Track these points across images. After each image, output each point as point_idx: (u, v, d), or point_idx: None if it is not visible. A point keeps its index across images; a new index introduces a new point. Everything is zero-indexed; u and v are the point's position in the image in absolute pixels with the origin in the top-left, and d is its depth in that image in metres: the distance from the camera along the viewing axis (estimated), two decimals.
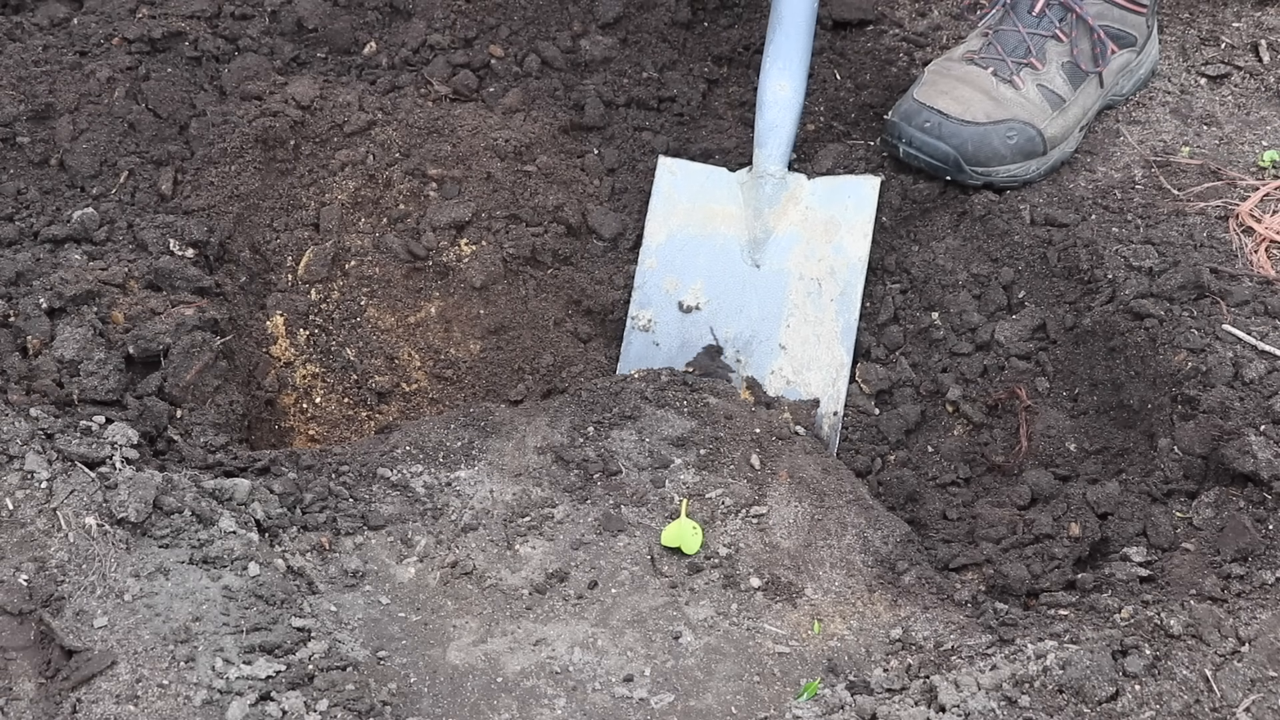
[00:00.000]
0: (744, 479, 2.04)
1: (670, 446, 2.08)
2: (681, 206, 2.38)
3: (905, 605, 1.92)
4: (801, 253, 2.35)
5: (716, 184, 2.39)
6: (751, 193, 2.36)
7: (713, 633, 1.88)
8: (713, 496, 2.02)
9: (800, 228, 2.35)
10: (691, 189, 2.39)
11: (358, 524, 1.97)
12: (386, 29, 2.58)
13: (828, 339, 2.32)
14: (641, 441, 2.08)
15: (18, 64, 2.39)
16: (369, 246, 2.37)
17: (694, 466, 2.06)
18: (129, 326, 2.07)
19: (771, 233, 2.36)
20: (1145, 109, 2.58)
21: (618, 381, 2.16)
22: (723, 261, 2.37)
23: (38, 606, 1.69)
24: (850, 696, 1.75)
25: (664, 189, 2.40)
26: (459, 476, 2.04)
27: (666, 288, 2.37)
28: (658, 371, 2.19)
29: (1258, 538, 1.88)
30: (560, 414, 2.11)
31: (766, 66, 2.36)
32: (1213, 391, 2.03)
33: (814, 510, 2.02)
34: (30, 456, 1.81)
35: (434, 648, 1.84)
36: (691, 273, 2.37)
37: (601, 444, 2.08)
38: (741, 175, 2.38)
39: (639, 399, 2.13)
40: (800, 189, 2.36)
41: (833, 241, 2.33)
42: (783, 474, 2.05)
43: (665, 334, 2.35)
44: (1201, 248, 2.24)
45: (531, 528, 1.99)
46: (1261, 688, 1.70)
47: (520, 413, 2.14)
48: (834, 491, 2.05)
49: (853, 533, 2.01)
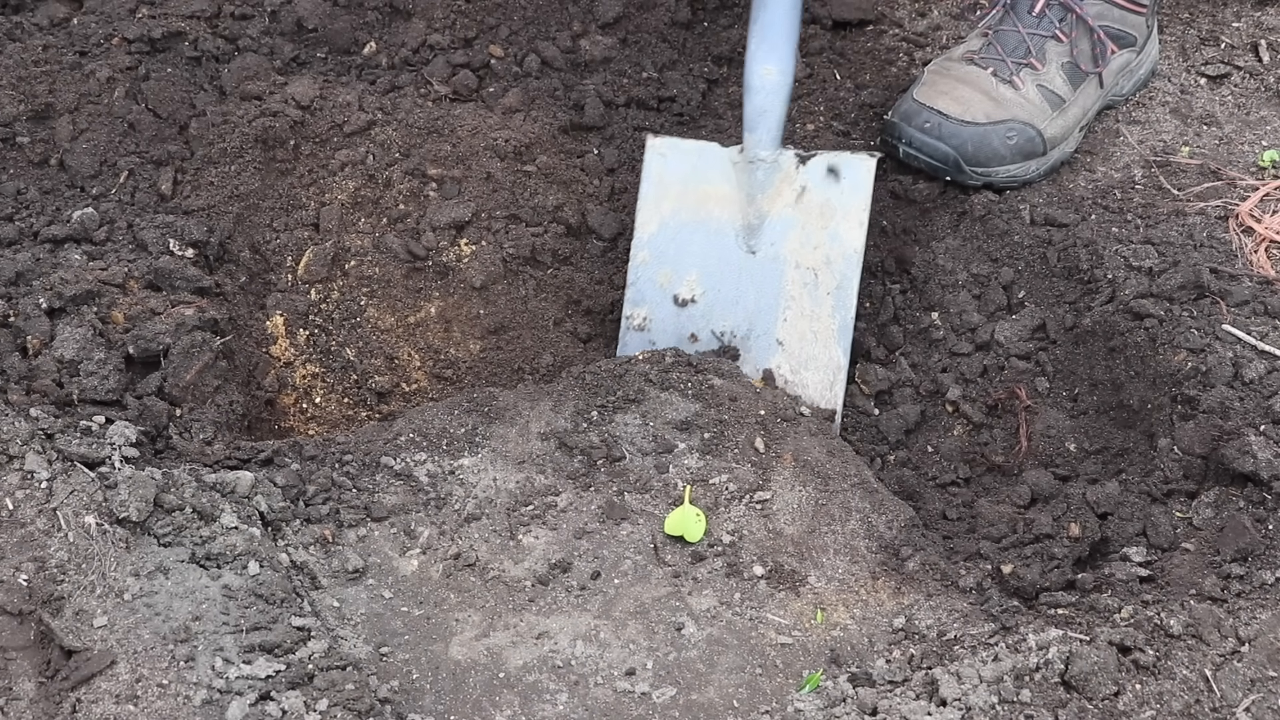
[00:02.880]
0: (748, 463, 2.04)
1: (674, 430, 2.08)
2: (674, 190, 2.33)
3: (909, 592, 1.92)
4: (797, 238, 2.31)
5: (709, 162, 2.33)
6: (744, 177, 2.31)
7: (715, 623, 1.88)
8: (716, 482, 2.03)
9: (795, 211, 2.31)
10: (683, 170, 2.33)
11: (361, 515, 1.97)
12: (386, 29, 2.58)
13: (824, 337, 2.30)
14: (645, 426, 2.08)
15: (18, 64, 2.39)
16: (369, 246, 2.37)
17: (698, 451, 2.06)
18: (129, 326, 2.07)
19: (766, 217, 2.31)
20: (1145, 109, 2.58)
21: (622, 364, 2.15)
22: (717, 248, 2.33)
23: (37, 606, 1.69)
24: (852, 689, 1.75)
25: (654, 173, 2.34)
26: (462, 464, 2.04)
27: (661, 281, 2.33)
28: (662, 353, 2.18)
29: (1258, 538, 1.88)
30: (564, 398, 2.11)
31: (752, 49, 2.30)
32: (1213, 391, 2.03)
33: (818, 495, 2.02)
34: (30, 456, 1.81)
35: (436, 642, 1.85)
36: (686, 262, 2.33)
37: (605, 428, 2.07)
38: (734, 153, 2.33)
39: (643, 381, 2.12)
40: (793, 168, 2.31)
41: (828, 228, 2.29)
42: (787, 457, 2.05)
43: (661, 331, 2.32)
44: (1201, 248, 2.24)
45: (535, 516, 1.99)
46: (1261, 688, 1.70)
47: (524, 396, 2.13)
48: (838, 475, 2.05)
49: (857, 518, 2.01)
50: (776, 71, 2.29)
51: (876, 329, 2.38)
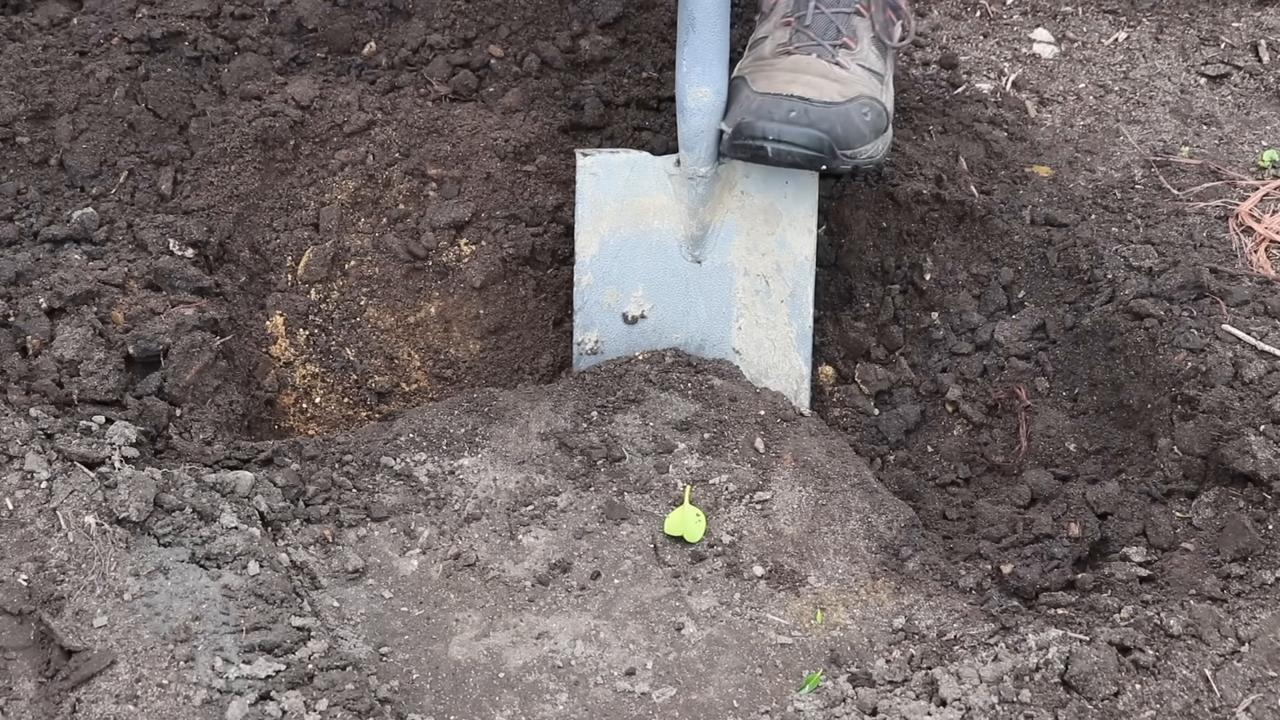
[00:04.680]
0: (748, 463, 2.05)
1: (674, 431, 2.08)
2: (610, 208, 2.28)
3: (909, 592, 1.92)
4: (744, 245, 2.27)
5: (644, 175, 2.28)
6: (683, 190, 2.27)
7: (715, 623, 1.88)
8: (716, 483, 2.03)
9: (739, 216, 2.27)
10: (617, 186, 2.28)
11: (361, 515, 1.98)
12: (386, 29, 2.58)
13: (783, 345, 2.26)
14: (645, 426, 2.08)
15: (18, 64, 2.39)
16: (369, 246, 2.37)
17: (698, 451, 2.06)
18: (129, 326, 2.07)
19: (709, 227, 2.28)
20: (1145, 109, 2.58)
21: (622, 364, 2.15)
22: (662, 260, 2.28)
23: (37, 606, 1.69)
24: (852, 689, 1.75)
25: (588, 193, 2.28)
26: (462, 464, 2.04)
27: (608, 302, 2.28)
28: (662, 353, 2.17)
29: (1257, 538, 1.88)
30: (564, 398, 2.11)
31: (684, 71, 2.25)
32: (1212, 391, 2.03)
33: (818, 495, 2.02)
34: (30, 456, 1.81)
35: (436, 643, 1.85)
36: (630, 279, 2.28)
37: (605, 429, 2.07)
38: (669, 164, 2.28)
39: (643, 382, 2.12)
40: (733, 173, 2.26)
41: (775, 234, 2.25)
42: (787, 457, 2.05)
43: (615, 351, 2.26)
44: (1201, 248, 2.24)
45: (535, 517, 1.99)
46: (1261, 688, 1.70)
47: (523, 396, 2.13)
48: (838, 475, 2.05)
49: (857, 518, 2.01)
50: (711, 92, 2.25)
51: (876, 329, 2.37)
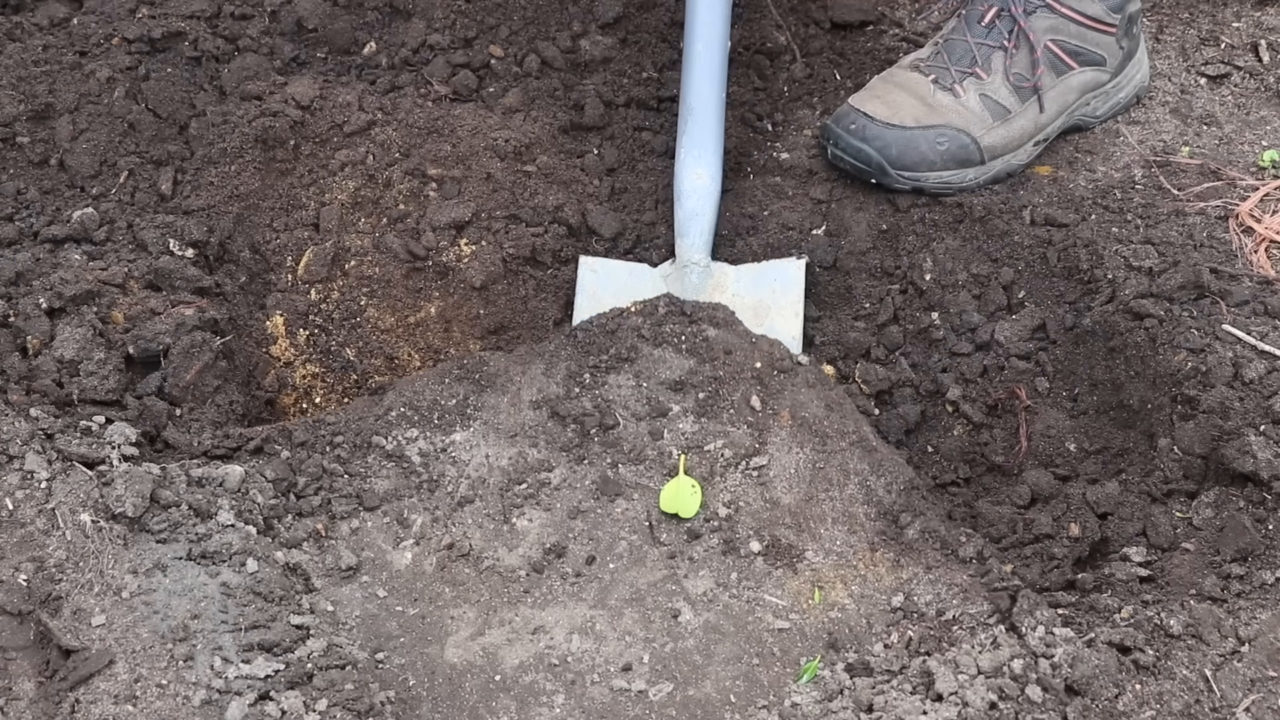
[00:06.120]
0: (744, 424, 2.03)
1: (668, 391, 2.07)
2: (607, 300, 2.29)
3: (908, 565, 1.92)
4: None
5: (640, 279, 2.33)
6: (676, 284, 2.30)
7: (712, 608, 1.88)
8: (712, 449, 2.01)
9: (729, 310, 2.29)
10: (615, 285, 2.32)
11: (353, 505, 1.97)
12: (386, 29, 2.58)
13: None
14: (639, 387, 2.07)
15: (18, 64, 2.40)
16: (369, 246, 2.37)
17: (692, 414, 2.04)
18: (129, 326, 2.07)
19: None
20: (1145, 109, 2.58)
21: (614, 318, 2.15)
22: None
23: (36, 606, 1.69)
24: (849, 679, 1.75)
25: (588, 287, 2.33)
26: (454, 441, 2.03)
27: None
28: (655, 303, 2.17)
29: (1258, 538, 1.88)
30: (556, 359, 2.10)
31: (682, 156, 2.34)
32: (1213, 391, 2.03)
33: (815, 456, 2.01)
34: (30, 456, 1.81)
35: (432, 644, 1.84)
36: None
37: (598, 392, 2.06)
38: (664, 269, 2.33)
39: (636, 337, 2.11)
40: (725, 277, 2.31)
41: (763, 324, 2.26)
42: (784, 414, 2.04)
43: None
44: (1201, 248, 2.24)
45: (528, 496, 1.98)
46: (1261, 688, 1.70)
47: (515, 360, 2.13)
48: (836, 433, 2.04)
49: (855, 481, 2.00)
50: (707, 176, 2.32)
51: (876, 329, 2.37)
